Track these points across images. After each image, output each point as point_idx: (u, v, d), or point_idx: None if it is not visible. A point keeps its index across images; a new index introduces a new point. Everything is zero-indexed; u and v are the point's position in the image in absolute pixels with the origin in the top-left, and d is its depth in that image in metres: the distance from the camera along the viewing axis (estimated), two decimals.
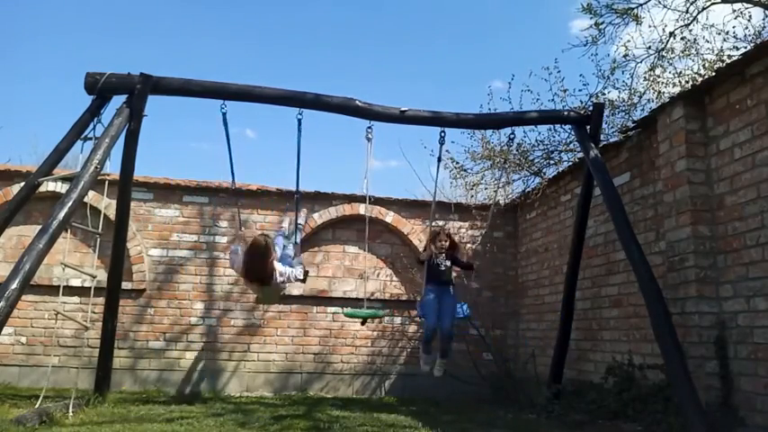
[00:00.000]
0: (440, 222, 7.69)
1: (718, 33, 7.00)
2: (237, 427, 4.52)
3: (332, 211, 7.52)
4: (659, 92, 6.54)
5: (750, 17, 7.01)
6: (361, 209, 7.44)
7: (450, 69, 31.21)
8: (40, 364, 6.56)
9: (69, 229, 4.86)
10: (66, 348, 6.70)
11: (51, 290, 6.56)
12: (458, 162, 7.11)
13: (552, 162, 6.78)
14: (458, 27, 30.29)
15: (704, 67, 6.63)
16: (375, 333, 7.40)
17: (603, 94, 6.66)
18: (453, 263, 5.71)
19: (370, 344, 7.39)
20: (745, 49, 5.19)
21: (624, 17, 7.42)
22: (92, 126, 4.78)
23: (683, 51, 7.18)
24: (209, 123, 35.63)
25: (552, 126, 6.48)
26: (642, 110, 6.45)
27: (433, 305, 5.36)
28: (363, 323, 5.74)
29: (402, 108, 5.11)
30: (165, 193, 7.32)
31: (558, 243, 6.61)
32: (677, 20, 7.39)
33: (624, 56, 7.24)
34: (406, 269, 7.60)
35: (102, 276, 5.86)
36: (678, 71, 6.80)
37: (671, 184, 4.56)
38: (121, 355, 6.71)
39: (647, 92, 6.69)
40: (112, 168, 5.09)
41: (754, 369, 3.80)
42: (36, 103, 27.23)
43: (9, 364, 6.66)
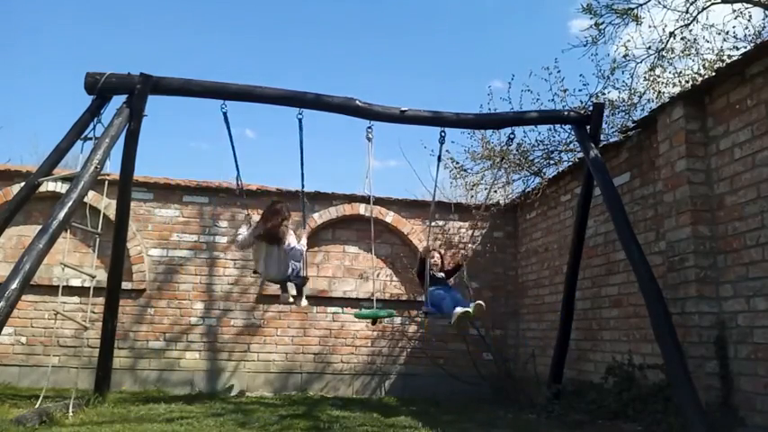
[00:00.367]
0: (439, 222, 7.71)
1: (718, 33, 7.02)
2: (237, 427, 4.52)
3: (332, 211, 7.53)
4: (659, 92, 6.55)
5: (750, 17, 7.02)
6: (362, 209, 7.45)
7: (450, 69, 31.21)
8: (40, 364, 6.56)
9: (69, 229, 4.85)
10: (66, 348, 6.70)
11: (51, 290, 6.56)
12: (458, 162, 7.12)
13: (552, 162, 6.78)
14: (457, 27, 30.29)
15: (704, 67, 6.64)
16: (375, 333, 7.40)
17: (603, 94, 6.66)
18: (447, 275, 6.05)
19: (370, 344, 7.39)
20: (745, 49, 5.19)
21: (624, 17, 7.42)
22: (92, 126, 4.78)
23: (683, 51, 7.18)
24: (208, 123, 35.69)
25: (552, 126, 6.48)
26: (642, 110, 6.45)
27: (442, 294, 5.53)
28: (374, 323, 5.75)
29: (402, 108, 5.11)
30: (165, 193, 7.32)
31: (558, 243, 6.61)
32: (677, 20, 7.40)
33: (624, 56, 7.25)
34: (406, 269, 7.60)
35: (102, 276, 5.86)
36: (678, 71, 6.81)
37: (671, 184, 4.56)
38: (121, 355, 6.71)
39: (647, 92, 6.70)
40: (112, 168, 5.10)
41: (754, 369, 3.80)
42: (36, 103, 27.25)
43: (9, 364, 6.67)
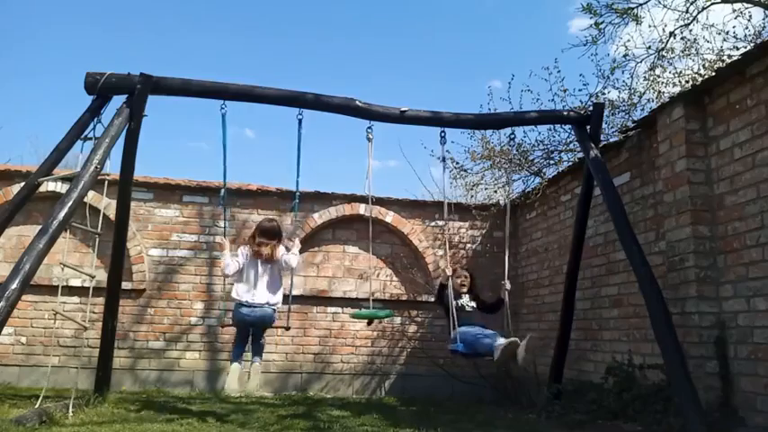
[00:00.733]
0: (439, 223, 7.70)
1: (718, 33, 6.99)
2: (237, 427, 4.52)
3: (332, 211, 7.53)
4: (659, 92, 6.53)
5: (750, 17, 7.00)
6: (362, 209, 7.44)
7: (449, 69, 31.22)
8: (40, 364, 6.56)
9: (69, 229, 4.84)
10: (66, 348, 6.70)
11: (51, 290, 6.56)
12: (458, 162, 7.12)
13: (552, 162, 6.78)
14: (457, 27, 30.30)
15: (704, 67, 6.62)
16: (375, 333, 7.40)
17: (603, 93, 6.65)
18: (480, 308, 5.42)
19: (370, 344, 7.39)
20: (745, 49, 5.19)
21: (624, 17, 7.40)
22: (92, 126, 4.77)
23: (683, 51, 7.16)
24: (208, 123, 35.71)
25: (552, 126, 6.48)
26: (642, 110, 6.44)
27: (477, 331, 4.95)
28: (370, 323, 5.69)
29: (402, 108, 5.11)
30: (165, 193, 7.32)
31: (558, 243, 6.61)
32: (677, 20, 7.38)
33: (624, 56, 7.22)
34: (406, 269, 7.60)
35: (102, 276, 5.85)
36: (678, 71, 6.79)
37: (671, 184, 4.56)
38: (121, 355, 6.71)
39: (647, 92, 6.68)
40: (112, 168, 5.09)
41: (754, 369, 3.80)
42: (36, 103, 27.25)
43: (9, 364, 6.67)
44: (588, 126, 5.26)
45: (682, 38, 7.22)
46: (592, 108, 5.45)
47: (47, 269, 6.53)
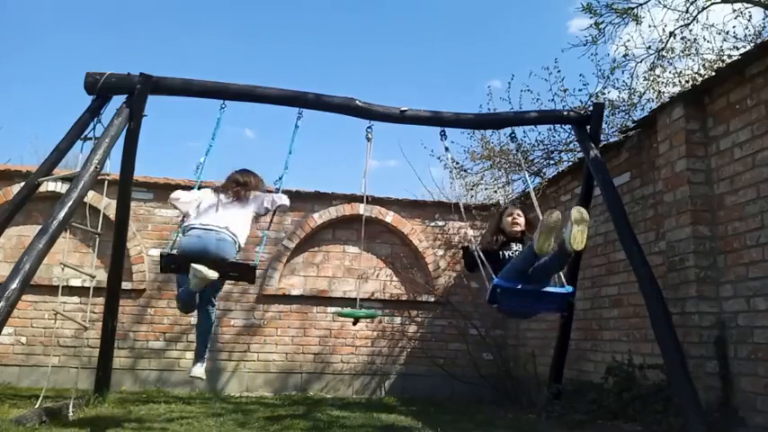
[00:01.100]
0: (439, 223, 7.70)
1: (718, 33, 6.99)
2: (237, 427, 4.52)
3: (332, 211, 7.52)
4: (659, 92, 6.54)
5: (750, 17, 7.00)
6: (362, 209, 7.43)
7: (449, 69, 31.21)
8: (40, 364, 6.56)
9: (69, 229, 4.85)
10: (66, 348, 6.70)
11: (51, 290, 6.56)
12: (458, 162, 7.12)
13: (552, 162, 6.78)
14: (456, 27, 30.29)
15: (704, 67, 6.62)
16: (375, 333, 7.40)
17: (603, 93, 6.66)
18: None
19: (370, 344, 7.39)
20: (745, 49, 5.19)
21: (624, 17, 7.40)
22: (92, 126, 4.77)
23: (683, 51, 7.16)
24: (208, 123, 35.61)
25: (552, 126, 6.48)
26: (642, 110, 6.45)
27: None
28: (355, 323, 5.57)
29: (402, 108, 5.11)
30: (165, 193, 7.28)
31: None
32: (677, 20, 7.38)
33: (624, 56, 7.23)
34: (406, 269, 7.60)
35: (102, 276, 5.85)
36: (678, 71, 6.80)
37: (671, 184, 4.56)
38: (121, 355, 6.71)
39: (647, 92, 6.68)
40: (112, 168, 5.09)
41: (754, 369, 3.81)
42: (36, 104, 27.24)
43: (9, 364, 6.66)
44: (588, 126, 5.26)
45: (682, 38, 7.22)
46: (592, 108, 5.45)
47: (47, 269, 6.53)
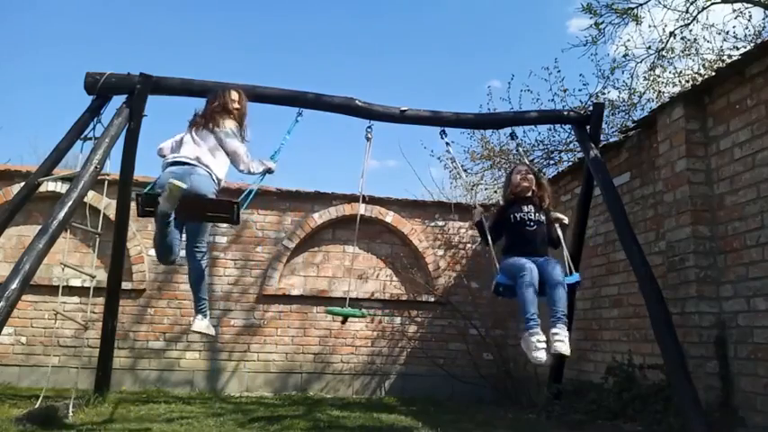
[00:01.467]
0: (439, 223, 7.70)
1: (718, 33, 7.03)
2: (237, 427, 4.52)
3: (332, 211, 7.52)
4: (659, 92, 6.56)
5: (750, 17, 7.02)
6: (362, 209, 7.45)
7: (448, 69, 31.22)
8: (40, 364, 6.55)
9: (69, 229, 4.85)
10: (66, 348, 6.70)
11: (51, 290, 6.55)
12: (457, 163, 7.10)
13: (552, 162, 6.80)
14: (456, 27, 30.30)
15: (704, 67, 6.64)
16: (375, 333, 7.40)
17: (603, 93, 6.68)
18: (550, 232, 4.07)
19: (370, 344, 7.39)
20: (745, 49, 5.19)
21: (624, 17, 7.41)
22: (92, 126, 4.77)
23: (683, 51, 7.19)
24: None
25: (552, 126, 6.50)
26: (642, 110, 6.47)
27: (527, 264, 3.74)
28: (344, 322, 5.50)
29: (402, 108, 5.11)
30: None
31: None
32: (677, 20, 7.40)
33: (624, 56, 7.25)
34: (405, 269, 7.60)
35: (102, 276, 5.85)
36: (678, 71, 6.82)
37: (671, 184, 4.56)
38: (121, 355, 6.71)
39: (647, 92, 6.71)
40: (112, 168, 5.09)
41: (754, 369, 3.80)
42: (36, 105, 27.25)
43: (9, 364, 6.66)
44: (588, 126, 5.26)
45: (682, 38, 7.24)
46: (592, 108, 5.46)
47: (47, 269, 6.53)
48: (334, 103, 5.06)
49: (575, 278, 4.11)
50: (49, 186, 6.49)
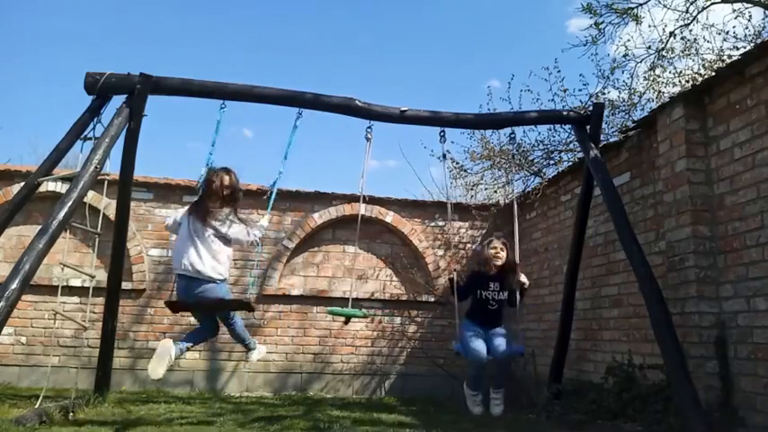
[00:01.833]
0: (440, 223, 7.70)
1: (718, 33, 7.01)
2: (237, 427, 4.51)
3: (332, 212, 7.52)
4: (659, 92, 6.55)
5: (750, 17, 7.01)
6: (362, 209, 7.45)
7: (448, 69, 31.21)
8: (40, 364, 6.56)
9: (69, 229, 4.84)
10: (66, 348, 6.70)
11: (51, 290, 6.55)
12: (457, 162, 7.12)
13: (552, 162, 6.79)
14: (456, 27, 30.29)
15: (704, 67, 6.63)
16: (375, 333, 7.40)
17: (603, 93, 6.66)
18: (510, 299, 4.72)
19: (370, 344, 7.39)
20: (745, 49, 5.19)
21: (624, 17, 7.40)
22: (92, 126, 4.77)
23: (683, 51, 7.18)
24: (208, 123, 35.65)
25: (552, 126, 6.48)
26: (642, 110, 6.45)
27: (479, 336, 4.65)
28: (347, 322, 5.53)
29: (402, 108, 5.11)
30: (165, 193, 7.32)
31: (558, 243, 6.61)
32: (677, 20, 7.39)
33: (624, 56, 7.24)
34: (406, 269, 7.60)
35: (102, 276, 5.85)
36: (678, 71, 6.80)
37: (671, 184, 4.56)
38: (121, 355, 6.71)
39: (647, 92, 6.69)
40: (112, 168, 5.09)
41: (754, 369, 3.80)
42: (36, 105, 27.25)
43: (9, 364, 6.66)
44: (588, 126, 5.26)
45: (682, 38, 7.23)
46: (592, 108, 5.45)
47: (47, 269, 6.53)
48: (333, 104, 5.05)
49: (520, 349, 4.74)
50: (49, 186, 6.49)
